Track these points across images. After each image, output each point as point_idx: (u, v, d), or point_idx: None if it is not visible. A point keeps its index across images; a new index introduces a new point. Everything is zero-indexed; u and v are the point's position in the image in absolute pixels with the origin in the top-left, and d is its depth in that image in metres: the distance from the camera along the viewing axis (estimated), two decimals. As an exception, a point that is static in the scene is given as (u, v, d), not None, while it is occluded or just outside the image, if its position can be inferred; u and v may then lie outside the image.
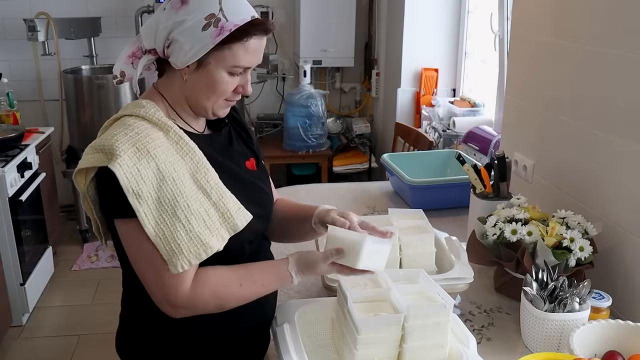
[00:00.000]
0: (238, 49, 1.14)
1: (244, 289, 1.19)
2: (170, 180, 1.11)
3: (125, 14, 4.18)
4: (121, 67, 1.22)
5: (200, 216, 1.13)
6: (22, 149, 3.21)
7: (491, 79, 3.28)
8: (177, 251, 1.10)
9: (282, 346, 1.18)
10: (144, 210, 1.09)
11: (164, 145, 1.14)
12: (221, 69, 1.16)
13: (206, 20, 1.11)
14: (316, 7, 4.08)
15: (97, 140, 1.14)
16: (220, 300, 1.17)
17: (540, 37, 1.88)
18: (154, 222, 1.10)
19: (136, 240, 1.12)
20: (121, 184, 1.07)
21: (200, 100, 1.20)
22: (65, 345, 2.96)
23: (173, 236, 1.10)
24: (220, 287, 1.17)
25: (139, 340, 1.30)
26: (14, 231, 2.98)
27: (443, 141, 3.34)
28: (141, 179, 1.08)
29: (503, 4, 3.00)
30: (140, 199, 1.08)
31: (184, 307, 1.15)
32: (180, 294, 1.13)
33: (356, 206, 2.25)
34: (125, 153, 1.08)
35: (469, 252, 1.59)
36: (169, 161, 1.12)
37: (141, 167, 1.09)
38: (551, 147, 1.85)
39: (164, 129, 1.16)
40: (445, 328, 1.18)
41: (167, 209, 1.10)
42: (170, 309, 1.15)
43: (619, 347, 1.27)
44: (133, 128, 1.12)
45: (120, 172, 1.07)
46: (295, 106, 4.06)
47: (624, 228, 1.51)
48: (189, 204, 1.12)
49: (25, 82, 4.16)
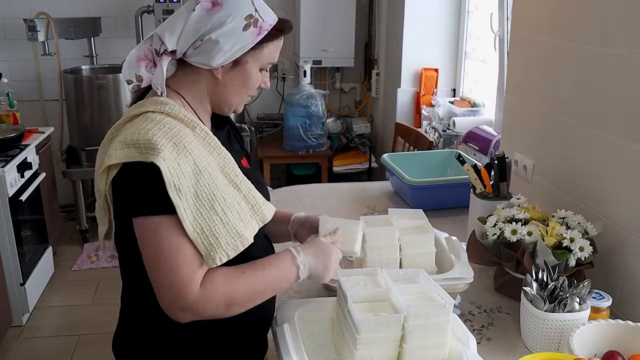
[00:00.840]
0: (272, 47, 1.22)
1: (246, 277, 1.17)
2: (206, 175, 1.12)
3: (125, 14, 4.18)
4: (136, 72, 1.21)
5: (235, 209, 1.15)
6: (22, 149, 3.21)
7: (491, 79, 3.28)
8: (215, 245, 1.11)
9: (282, 346, 1.18)
10: (184, 205, 1.08)
11: (195, 141, 1.15)
12: (256, 67, 1.22)
13: (246, 21, 1.16)
14: (316, 7, 4.08)
15: (125, 135, 1.11)
16: (228, 298, 1.14)
17: (540, 37, 1.88)
18: (192, 217, 1.10)
19: (159, 238, 1.09)
20: (165, 178, 1.07)
21: (230, 98, 1.24)
22: (65, 345, 2.96)
23: (211, 230, 1.11)
24: (225, 282, 1.15)
25: (137, 342, 1.28)
26: (14, 231, 2.98)
27: (443, 141, 3.34)
28: (182, 174, 1.09)
29: (503, 4, 3.00)
30: (181, 193, 1.08)
31: (193, 310, 1.12)
32: (191, 295, 1.10)
33: (356, 206, 2.25)
34: (166, 147, 1.08)
35: (469, 252, 1.59)
36: (202, 156, 1.14)
37: (181, 161, 1.09)
38: (551, 147, 1.85)
39: (190, 125, 1.17)
40: (445, 328, 1.18)
41: (205, 203, 1.11)
42: (179, 312, 1.12)
43: (619, 347, 1.27)
44: (164, 124, 1.12)
45: (164, 167, 1.06)
46: (295, 106, 4.07)
47: (624, 228, 1.51)
48: (224, 197, 1.14)
49: (25, 82, 4.16)
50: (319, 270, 1.24)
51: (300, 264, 1.22)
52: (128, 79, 1.22)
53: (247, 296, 1.18)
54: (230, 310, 1.16)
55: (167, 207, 1.08)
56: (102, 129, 4.34)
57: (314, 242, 1.28)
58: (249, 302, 1.19)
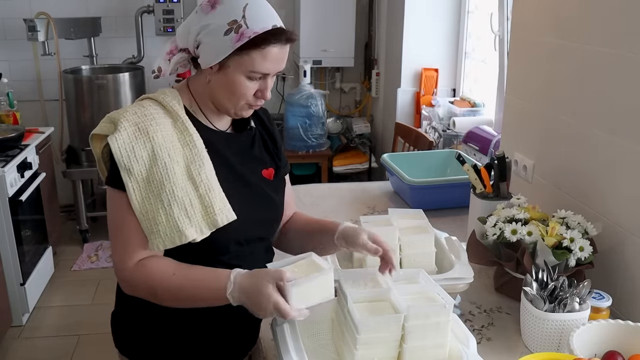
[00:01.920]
0: (256, 55, 1.19)
1: (175, 278, 1.18)
2: (161, 164, 1.18)
3: (125, 14, 4.18)
4: (159, 63, 1.29)
5: (182, 204, 1.18)
6: (22, 149, 3.21)
7: (491, 79, 3.28)
8: (154, 231, 1.17)
9: (282, 346, 1.18)
10: (132, 185, 1.17)
11: (168, 132, 1.21)
12: (240, 73, 1.21)
13: (228, 26, 1.17)
14: (316, 7, 4.08)
15: (113, 112, 1.24)
16: (151, 288, 1.19)
17: (540, 37, 1.88)
18: (141, 198, 1.17)
19: (116, 208, 1.20)
20: (115, 156, 1.17)
21: (222, 100, 1.26)
22: (65, 345, 2.96)
23: (154, 216, 1.17)
24: (154, 275, 1.19)
25: (133, 319, 1.34)
26: (14, 231, 2.98)
27: (443, 141, 3.34)
28: (134, 157, 1.17)
29: (503, 4, 3.00)
30: (131, 174, 1.17)
31: (126, 282, 1.22)
32: (125, 267, 1.19)
33: (356, 206, 2.25)
34: (126, 130, 1.18)
35: (469, 252, 1.59)
36: (165, 146, 1.19)
37: (137, 146, 1.18)
38: (551, 147, 1.85)
39: (174, 117, 1.24)
40: (445, 328, 1.18)
41: (154, 190, 1.18)
42: (119, 280, 1.23)
43: (619, 347, 1.27)
44: (144, 110, 1.22)
45: (114, 146, 1.17)
46: (295, 106, 4.07)
47: (624, 228, 1.51)
48: (174, 190, 1.18)
49: (25, 82, 4.16)
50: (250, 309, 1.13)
51: (230, 297, 1.13)
52: (153, 69, 1.30)
53: (172, 299, 1.20)
54: (156, 300, 1.21)
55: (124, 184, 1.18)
56: (102, 129, 4.25)
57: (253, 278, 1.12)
58: (174, 303, 1.22)
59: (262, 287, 1.09)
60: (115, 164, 1.18)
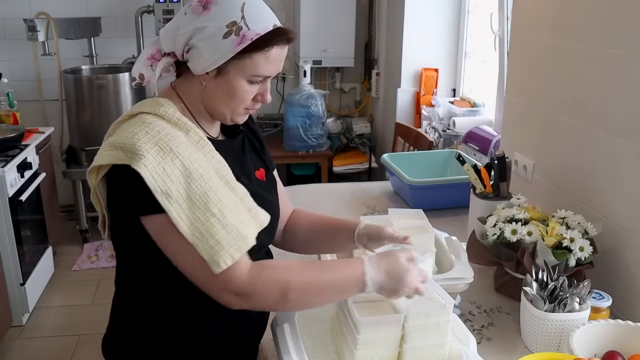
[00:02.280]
0: (259, 58, 1.12)
1: (307, 271, 1.11)
2: (197, 176, 1.08)
3: (125, 14, 4.18)
4: (140, 69, 1.21)
5: (232, 209, 1.09)
6: (22, 149, 3.21)
7: (491, 79, 3.28)
8: (217, 247, 1.05)
9: (282, 346, 1.18)
10: (176, 210, 1.05)
11: (186, 144, 1.11)
12: (241, 78, 1.14)
13: (227, 28, 1.10)
14: (316, 7, 4.08)
15: (115, 137, 1.10)
16: (283, 285, 1.08)
17: (540, 37, 1.88)
18: (188, 221, 1.05)
19: (173, 237, 1.07)
20: (148, 184, 1.04)
21: (219, 107, 1.19)
22: (65, 345, 2.96)
23: (210, 232, 1.05)
24: (283, 269, 1.10)
25: (128, 344, 1.26)
26: (14, 231, 2.98)
27: (443, 141, 3.34)
28: (168, 178, 1.06)
29: (503, 4, 3.00)
30: (170, 198, 1.05)
31: (244, 294, 1.07)
32: (236, 279, 1.06)
33: (356, 206, 2.25)
34: (149, 152, 1.06)
35: (469, 252, 1.59)
36: (193, 158, 1.10)
37: (166, 165, 1.06)
38: (551, 147, 1.85)
39: (184, 128, 1.14)
40: (445, 328, 1.18)
41: (199, 205, 1.06)
42: (230, 296, 1.08)
43: (619, 347, 1.27)
44: (153, 127, 1.10)
45: (146, 173, 1.04)
46: (295, 106, 4.06)
47: (624, 228, 1.51)
48: (219, 197, 1.08)
49: (25, 82, 4.16)
50: (388, 291, 1.13)
51: (369, 280, 1.11)
52: (133, 76, 1.22)
53: (304, 294, 1.11)
54: (285, 303, 1.10)
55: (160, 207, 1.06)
56: (102, 129, 4.32)
57: (390, 257, 1.15)
58: (304, 301, 1.13)
59: (404, 264, 1.12)
60: (142, 191, 1.05)
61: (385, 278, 1.12)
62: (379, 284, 1.12)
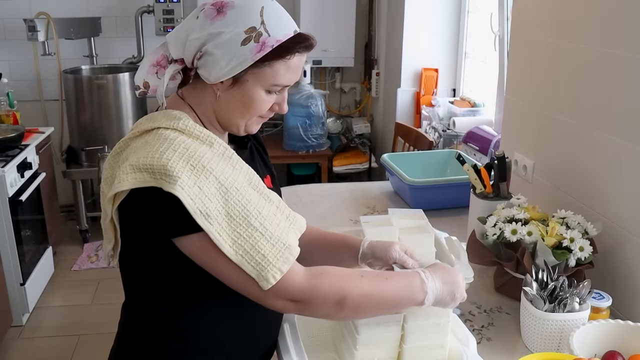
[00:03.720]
0: (279, 66, 1.06)
1: (365, 280, 1.08)
2: (234, 191, 1.02)
3: (125, 14, 4.18)
4: (144, 77, 1.13)
5: (272, 220, 1.04)
6: (22, 149, 3.21)
7: (491, 79, 3.28)
8: (264, 263, 1.01)
9: (282, 346, 1.18)
10: (217, 229, 1.00)
11: (214, 158, 1.05)
12: (259, 87, 1.08)
13: (246, 34, 1.03)
14: (316, 7, 4.08)
15: (137, 158, 1.02)
16: (341, 292, 1.04)
17: (540, 37, 1.88)
18: (231, 240, 1.00)
19: (216, 256, 1.02)
20: (187, 207, 0.98)
21: (233, 118, 1.12)
22: (65, 345, 2.96)
23: (255, 248, 1.01)
24: (340, 277, 1.07)
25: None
26: (14, 231, 2.98)
27: (443, 141, 3.34)
28: (206, 197, 1.00)
29: (503, 4, 3.00)
30: (210, 218, 0.99)
31: (302, 300, 1.05)
32: (293, 285, 1.03)
33: (356, 206, 2.25)
34: (183, 173, 0.99)
35: (469, 252, 1.59)
36: (225, 172, 1.04)
37: (202, 184, 1.00)
38: (551, 147, 1.85)
39: (207, 142, 1.08)
40: (445, 329, 1.18)
41: (240, 222, 1.01)
42: (288, 304, 1.05)
43: (619, 347, 1.27)
44: (179, 143, 1.03)
45: (183, 195, 0.98)
46: (295, 106, 4.06)
47: (624, 228, 1.51)
48: (259, 210, 1.03)
49: (25, 82, 4.16)
50: (445, 298, 1.13)
51: (429, 289, 1.10)
52: (137, 85, 1.14)
53: (362, 302, 1.07)
54: (341, 311, 1.06)
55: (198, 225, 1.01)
56: (102, 129, 4.33)
57: (439, 267, 1.16)
58: (361, 309, 1.09)
59: (456, 272, 1.16)
60: (174, 212, 0.99)
61: (442, 287, 1.12)
62: (438, 293, 1.12)
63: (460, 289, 1.14)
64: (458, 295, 1.14)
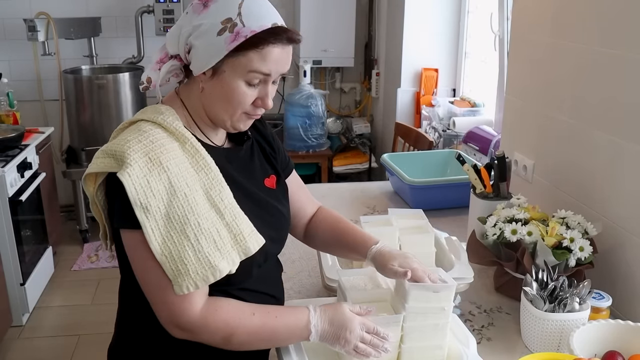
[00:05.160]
0: (253, 55, 1.07)
1: (256, 318, 1.11)
2: (181, 196, 1.05)
3: (125, 14, 4.18)
4: (148, 74, 1.16)
5: (211, 236, 1.07)
6: (22, 149, 3.21)
7: (491, 79, 3.28)
8: (183, 272, 1.04)
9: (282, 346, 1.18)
10: (151, 225, 1.03)
11: (179, 157, 1.08)
12: (236, 78, 1.09)
13: (222, 25, 1.06)
14: (316, 7, 4.08)
15: (108, 144, 1.08)
16: (230, 329, 1.10)
17: (540, 37, 1.88)
18: (161, 239, 1.04)
19: (142, 254, 1.06)
20: (129, 195, 1.02)
21: (217, 112, 1.14)
22: (65, 345, 2.96)
23: (180, 255, 1.04)
24: (232, 315, 1.11)
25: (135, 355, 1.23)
26: (14, 231, 2.98)
27: (443, 141, 3.34)
28: (150, 192, 1.03)
29: (503, 4, 3.00)
30: (148, 213, 1.03)
31: (189, 330, 1.09)
32: (186, 315, 1.07)
33: (356, 206, 2.25)
34: (137, 162, 1.03)
35: (469, 252, 1.59)
36: (182, 175, 1.07)
37: (152, 179, 1.03)
38: (551, 147, 1.85)
39: (181, 139, 1.11)
40: (444, 330, 1.18)
41: (176, 226, 1.04)
42: (175, 329, 1.10)
43: (619, 347, 1.27)
44: (148, 135, 1.07)
45: (128, 183, 1.02)
46: (295, 106, 4.07)
47: (624, 228, 1.51)
48: (199, 222, 1.06)
49: (25, 82, 4.16)
50: (329, 339, 1.14)
51: (313, 328, 1.13)
52: (141, 80, 1.17)
53: (249, 339, 1.12)
54: (227, 344, 1.12)
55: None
56: (102, 129, 4.33)
57: (333, 307, 1.16)
58: (248, 345, 1.14)
59: (347, 313, 1.14)
60: (125, 203, 1.03)
61: (328, 328, 1.13)
62: (322, 333, 1.13)
63: (348, 332, 1.12)
64: (344, 337, 1.12)
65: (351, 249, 1.33)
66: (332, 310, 1.15)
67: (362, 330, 1.13)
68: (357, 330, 1.13)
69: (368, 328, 1.14)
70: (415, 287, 1.15)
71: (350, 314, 1.14)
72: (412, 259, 1.21)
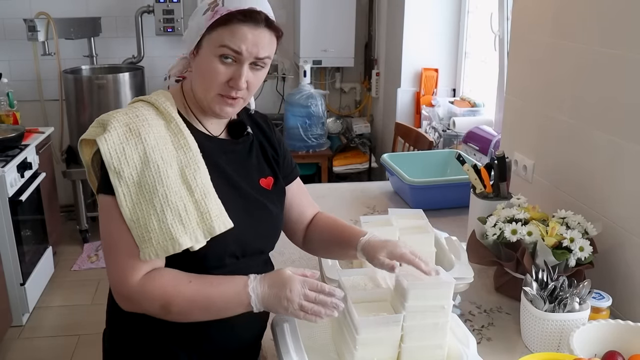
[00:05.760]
0: (223, 31, 1.13)
1: (192, 285, 1.12)
2: (154, 167, 1.11)
3: (125, 14, 4.18)
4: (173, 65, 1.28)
5: (177, 210, 1.11)
6: (22, 149, 3.21)
7: (491, 79, 3.28)
8: (147, 239, 1.10)
9: (282, 346, 1.18)
10: (123, 190, 1.10)
11: (161, 133, 1.15)
12: (210, 54, 1.15)
13: (208, 6, 1.16)
14: (316, 7, 4.08)
15: (102, 115, 1.18)
16: (167, 297, 1.11)
17: (540, 37, 1.88)
18: (132, 204, 1.10)
19: (109, 217, 1.12)
20: (104, 159, 1.10)
21: (197, 90, 1.20)
22: (65, 345, 2.96)
23: (145, 223, 1.10)
24: (169, 283, 1.12)
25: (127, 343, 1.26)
26: (14, 231, 2.98)
27: (443, 141, 3.34)
28: (125, 159, 1.11)
29: (503, 4, 3.00)
30: (121, 178, 1.10)
31: (128, 299, 1.13)
32: (129, 283, 1.11)
33: (356, 206, 2.25)
34: (116, 130, 1.12)
35: (469, 252, 1.59)
36: (159, 148, 1.13)
37: (127, 147, 1.11)
38: (551, 147, 1.85)
39: (167, 118, 1.18)
40: (444, 329, 1.18)
41: (146, 195, 1.11)
42: (118, 297, 1.14)
43: (619, 347, 1.27)
44: (135, 110, 1.16)
45: (104, 147, 1.10)
46: (295, 106, 4.07)
47: (624, 228, 1.51)
48: (167, 194, 1.11)
49: (25, 82, 4.16)
50: (272, 301, 1.12)
51: (252, 291, 1.12)
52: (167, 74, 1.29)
53: (188, 307, 1.12)
54: (168, 314, 1.13)
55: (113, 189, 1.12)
56: (102, 129, 4.24)
57: (275, 272, 1.16)
58: (188, 313, 1.14)
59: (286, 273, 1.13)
60: (105, 170, 1.11)
61: (269, 290, 1.12)
62: (263, 296, 1.12)
63: (289, 290, 1.10)
64: (286, 296, 1.10)
65: (345, 244, 1.33)
66: (273, 274, 1.15)
67: (304, 288, 1.11)
68: (298, 287, 1.11)
69: (311, 285, 1.12)
70: (415, 286, 1.15)
71: (290, 274, 1.13)
72: (400, 245, 1.22)
